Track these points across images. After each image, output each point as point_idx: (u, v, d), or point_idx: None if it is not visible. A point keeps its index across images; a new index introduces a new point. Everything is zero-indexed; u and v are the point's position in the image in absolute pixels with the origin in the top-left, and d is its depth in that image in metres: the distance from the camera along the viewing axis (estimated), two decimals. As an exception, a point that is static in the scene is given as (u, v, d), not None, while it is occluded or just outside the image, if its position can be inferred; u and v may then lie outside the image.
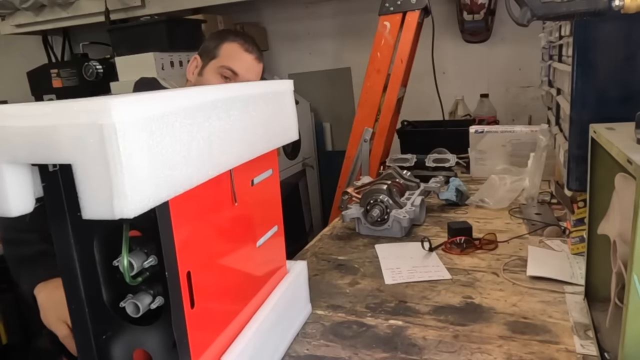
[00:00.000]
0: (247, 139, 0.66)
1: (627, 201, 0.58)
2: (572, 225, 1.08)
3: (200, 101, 0.55)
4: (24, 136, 0.46)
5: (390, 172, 1.46)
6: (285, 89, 0.80)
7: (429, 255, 1.15)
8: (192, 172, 0.52)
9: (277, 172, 0.83)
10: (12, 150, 0.47)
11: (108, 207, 0.44)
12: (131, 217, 0.44)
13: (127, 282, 0.53)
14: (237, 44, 1.33)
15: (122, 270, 0.52)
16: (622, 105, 0.81)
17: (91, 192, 0.44)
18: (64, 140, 0.44)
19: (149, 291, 0.55)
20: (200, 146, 0.54)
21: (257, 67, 1.35)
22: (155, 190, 0.46)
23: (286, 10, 2.77)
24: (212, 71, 1.30)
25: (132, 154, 0.44)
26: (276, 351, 0.78)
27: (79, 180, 0.45)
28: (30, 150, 0.46)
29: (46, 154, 0.46)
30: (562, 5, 0.88)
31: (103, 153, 0.43)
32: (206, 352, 0.59)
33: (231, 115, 0.62)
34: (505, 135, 1.71)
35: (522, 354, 0.76)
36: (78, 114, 0.43)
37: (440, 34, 2.16)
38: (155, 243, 0.51)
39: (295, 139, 0.84)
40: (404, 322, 0.88)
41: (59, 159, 0.45)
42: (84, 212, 0.46)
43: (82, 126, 0.43)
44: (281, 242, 0.86)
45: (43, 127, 0.45)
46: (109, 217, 0.44)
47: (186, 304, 0.54)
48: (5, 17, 2.76)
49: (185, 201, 0.53)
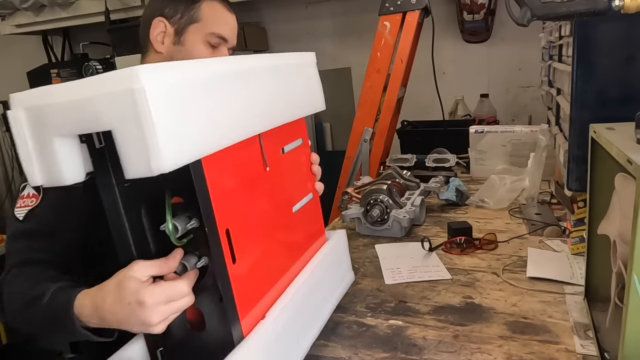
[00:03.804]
0: (272, 107, 0.71)
1: (627, 201, 0.58)
2: (572, 225, 1.08)
3: (223, 70, 0.61)
4: (69, 111, 0.52)
5: (390, 172, 1.47)
6: (310, 61, 0.87)
7: (429, 255, 1.15)
8: (219, 134, 0.58)
9: (308, 142, 0.88)
10: (59, 125, 0.53)
11: (146, 164, 0.49)
12: (167, 172, 0.49)
13: (174, 244, 0.58)
14: (219, 3, 1.05)
15: (168, 233, 0.56)
16: (622, 105, 0.81)
17: (130, 153, 0.50)
18: (103, 108, 0.50)
19: (194, 252, 0.59)
20: (225, 110, 0.59)
21: (237, 26, 1.08)
22: (186, 148, 0.51)
23: (286, 10, 2.77)
24: (197, 40, 1.01)
25: (162, 115, 0.49)
26: (321, 310, 0.83)
27: (119, 144, 0.50)
28: (75, 122, 0.52)
29: (89, 124, 0.51)
30: (562, 5, 0.88)
31: (136, 115, 0.48)
32: (252, 307, 0.63)
33: (255, 84, 0.67)
34: (505, 135, 1.71)
35: (522, 354, 0.76)
36: (111, 83, 0.49)
37: (440, 34, 2.16)
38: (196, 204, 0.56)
39: (322, 109, 0.89)
40: (404, 322, 0.88)
41: (100, 126, 0.51)
42: (126, 173, 0.51)
43: (116, 93, 0.49)
44: (318, 210, 0.91)
45: (83, 100, 0.50)
46: (147, 174, 0.49)
47: (228, 259, 0.59)
48: (5, 17, 2.76)
49: (217, 162, 0.58)
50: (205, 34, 1.01)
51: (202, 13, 1.01)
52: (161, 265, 0.59)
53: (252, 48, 2.67)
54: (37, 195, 0.83)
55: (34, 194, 0.83)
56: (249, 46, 2.66)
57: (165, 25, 1.00)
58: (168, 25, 1.00)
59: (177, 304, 0.58)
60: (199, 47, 1.01)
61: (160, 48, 1.01)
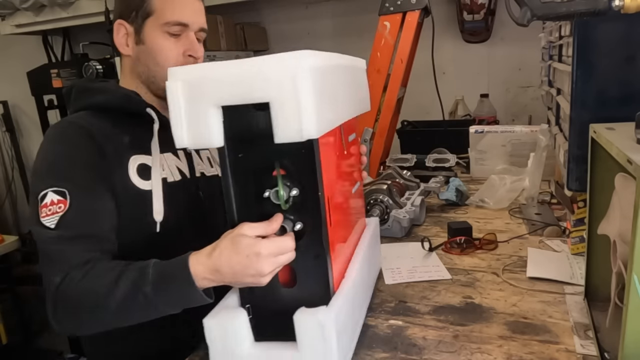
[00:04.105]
0: (351, 100, 0.85)
1: (627, 201, 0.58)
2: (572, 225, 1.08)
3: (338, 63, 0.75)
4: (230, 85, 0.61)
5: (390, 172, 1.47)
6: (363, 66, 0.99)
7: (429, 255, 1.15)
8: (334, 115, 0.70)
9: (358, 137, 1.00)
10: (218, 96, 0.62)
11: (297, 131, 0.60)
12: (314, 137, 0.60)
13: (281, 208, 0.67)
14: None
15: (279, 198, 0.66)
16: (622, 105, 0.81)
17: (284, 122, 0.60)
18: (265, 84, 0.60)
19: (290, 217, 0.68)
20: (339, 96, 0.73)
21: (200, 5, 0.99)
22: (322, 122, 0.62)
23: (286, 10, 2.77)
24: (156, 34, 0.94)
25: (311, 93, 0.60)
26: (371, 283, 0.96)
27: (275, 113, 0.60)
28: (233, 94, 0.61)
29: (247, 95, 0.61)
30: (562, 5, 0.88)
31: (295, 91, 0.59)
32: (337, 264, 0.73)
33: (348, 78, 0.82)
34: (505, 135, 1.71)
35: (522, 354, 0.76)
36: (276, 64, 0.60)
37: (440, 34, 2.15)
38: (304, 175, 0.66)
39: (368, 110, 0.99)
40: (404, 322, 0.88)
41: (259, 98, 0.60)
42: (277, 138, 0.61)
43: (280, 72, 0.59)
44: (362, 196, 1.03)
45: (247, 76, 0.61)
46: (297, 139, 0.60)
47: (327, 222, 0.68)
48: (5, 17, 2.75)
49: (323, 140, 0.67)
50: (161, 25, 0.93)
51: (154, 4, 0.94)
52: (265, 227, 0.67)
53: (252, 48, 2.67)
54: (64, 200, 0.81)
55: (59, 200, 0.81)
56: (249, 46, 2.65)
57: (126, 27, 0.96)
58: (128, 27, 0.96)
59: (284, 257, 0.67)
60: (159, 42, 0.94)
61: (126, 51, 0.97)
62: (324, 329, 0.65)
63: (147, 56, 0.95)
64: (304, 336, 0.67)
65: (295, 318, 0.67)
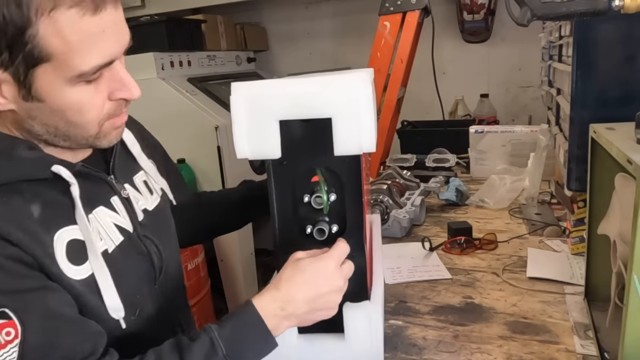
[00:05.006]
0: None
1: (627, 201, 0.58)
2: (572, 225, 1.08)
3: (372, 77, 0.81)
4: (294, 100, 0.65)
5: (390, 172, 1.47)
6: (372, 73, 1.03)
7: (429, 255, 1.15)
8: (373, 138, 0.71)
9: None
10: (280, 110, 0.66)
11: (357, 145, 0.66)
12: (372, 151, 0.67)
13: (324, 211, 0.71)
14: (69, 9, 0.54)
15: (322, 202, 0.70)
16: (622, 105, 0.81)
17: (344, 136, 0.65)
18: (328, 102, 0.65)
19: (326, 220, 0.72)
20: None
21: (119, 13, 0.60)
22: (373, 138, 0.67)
23: (286, 10, 2.77)
24: (62, 90, 0.58)
25: (368, 112, 0.65)
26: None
27: (336, 128, 0.65)
28: (296, 109, 0.66)
29: (310, 111, 0.66)
30: (562, 5, 0.88)
31: (357, 110, 0.65)
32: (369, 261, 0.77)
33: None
34: (505, 135, 1.71)
35: (522, 354, 0.76)
36: (340, 84, 0.65)
37: (440, 34, 2.15)
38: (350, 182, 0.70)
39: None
40: (404, 322, 0.88)
41: (321, 114, 0.65)
42: (337, 150, 0.66)
43: (344, 92, 0.64)
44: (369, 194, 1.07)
45: (311, 93, 0.65)
46: (355, 152, 0.66)
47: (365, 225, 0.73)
48: (5, 17, 2.75)
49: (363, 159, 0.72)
50: (70, 79, 0.58)
51: (51, 46, 0.55)
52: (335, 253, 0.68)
53: (252, 48, 2.67)
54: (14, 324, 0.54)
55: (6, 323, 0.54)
56: (249, 46, 2.65)
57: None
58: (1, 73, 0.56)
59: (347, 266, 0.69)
60: (71, 97, 0.59)
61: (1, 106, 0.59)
62: (372, 321, 0.72)
63: (51, 116, 0.61)
64: (353, 328, 0.72)
65: (345, 312, 0.72)
